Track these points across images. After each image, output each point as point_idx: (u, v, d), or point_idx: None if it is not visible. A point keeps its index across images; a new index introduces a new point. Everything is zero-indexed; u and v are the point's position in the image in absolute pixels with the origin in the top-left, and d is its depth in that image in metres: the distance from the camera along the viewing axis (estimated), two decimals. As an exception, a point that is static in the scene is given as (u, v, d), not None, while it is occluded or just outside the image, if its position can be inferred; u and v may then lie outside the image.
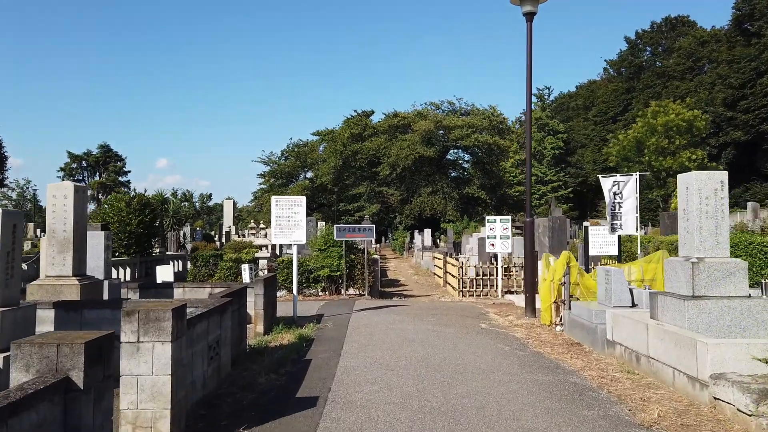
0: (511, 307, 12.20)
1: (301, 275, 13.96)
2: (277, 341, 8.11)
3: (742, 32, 53.61)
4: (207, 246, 23.55)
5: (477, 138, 43.19)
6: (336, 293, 14.10)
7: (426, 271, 23.70)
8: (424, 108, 49.00)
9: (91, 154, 55.77)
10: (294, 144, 56.79)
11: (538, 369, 6.31)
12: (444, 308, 11.63)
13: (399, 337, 8.11)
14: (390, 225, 54.92)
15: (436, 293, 16.06)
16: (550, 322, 9.30)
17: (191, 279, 14.34)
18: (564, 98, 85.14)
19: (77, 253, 8.02)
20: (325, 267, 13.83)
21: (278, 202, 9.90)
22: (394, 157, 44.25)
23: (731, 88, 50.95)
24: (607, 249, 13.20)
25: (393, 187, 47.99)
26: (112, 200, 16.33)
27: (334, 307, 11.62)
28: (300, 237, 9.86)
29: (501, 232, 13.84)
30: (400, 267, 28.95)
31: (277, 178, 55.76)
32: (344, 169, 49.78)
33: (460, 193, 46.16)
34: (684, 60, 61.55)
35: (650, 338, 6.03)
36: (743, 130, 50.90)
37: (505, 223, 13.83)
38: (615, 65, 76.61)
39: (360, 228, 13.87)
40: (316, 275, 14.00)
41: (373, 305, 11.90)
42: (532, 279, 10.17)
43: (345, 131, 50.04)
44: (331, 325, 9.36)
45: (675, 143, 40.26)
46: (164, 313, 4.10)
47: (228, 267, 14.00)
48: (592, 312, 7.64)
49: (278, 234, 9.83)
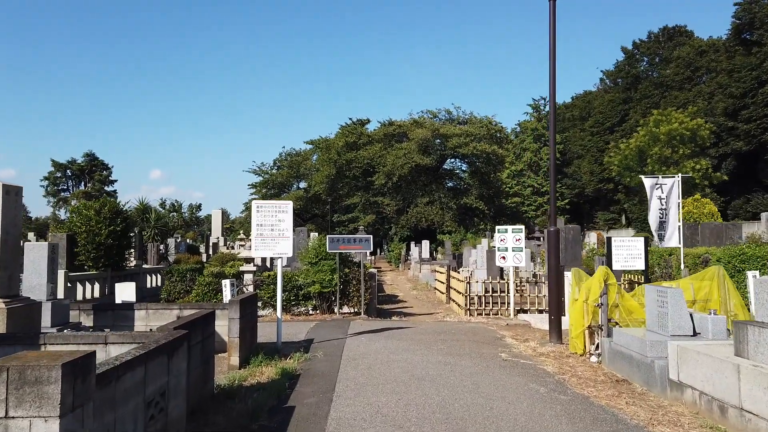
0: (527, 329, 10.69)
1: (289, 292, 12.42)
2: (254, 377, 6.56)
3: (742, 42, 52.95)
4: (190, 258, 21.92)
5: (475, 146, 41.90)
6: (328, 312, 12.55)
7: (425, 285, 22.17)
8: (420, 116, 47.78)
9: (75, 162, 53.91)
10: (287, 153, 55.35)
11: (594, 424, 4.79)
12: (452, 331, 10.10)
13: (405, 373, 6.58)
14: (385, 236, 53.39)
15: (439, 311, 14.54)
16: (584, 350, 7.80)
17: (165, 296, 12.75)
18: (560, 109, 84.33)
19: (7, 269, 6.47)
20: (316, 283, 12.29)
21: (260, 208, 8.38)
22: (390, 166, 42.86)
23: (732, 98, 50.11)
24: (633, 263, 11.78)
25: (388, 197, 46.54)
26: (80, 207, 14.72)
27: (326, 330, 10.07)
28: (285, 249, 8.33)
29: (513, 244, 12.38)
30: (397, 280, 27.40)
31: (269, 189, 54.19)
32: (338, 179, 48.31)
33: (458, 203, 44.77)
34: (682, 70, 60.89)
35: (744, 384, 4.54)
36: (744, 140, 49.99)
37: (517, 234, 12.37)
38: (611, 76, 76.08)
39: (355, 239, 12.37)
40: (306, 292, 12.45)
41: (371, 327, 10.36)
42: (557, 298, 8.68)
43: (339, 140, 48.64)
44: (321, 354, 7.81)
45: (678, 152, 39.18)
46: (50, 370, 2.58)
47: (207, 283, 12.42)
48: (645, 343, 6.15)
49: (259, 246, 8.30)
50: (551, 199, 9.04)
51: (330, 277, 12.29)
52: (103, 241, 14.04)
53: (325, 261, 12.52)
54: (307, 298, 12.55)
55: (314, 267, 12.57)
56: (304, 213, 55.53)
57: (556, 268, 8.70)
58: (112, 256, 14.43)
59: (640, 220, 56.76)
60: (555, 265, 8.68)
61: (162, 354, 4.16)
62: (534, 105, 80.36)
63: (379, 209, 47.40)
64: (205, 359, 5.66)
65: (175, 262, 21.10)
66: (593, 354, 7.60)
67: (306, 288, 12.45)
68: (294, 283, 12.52)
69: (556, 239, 8.74)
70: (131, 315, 8.31)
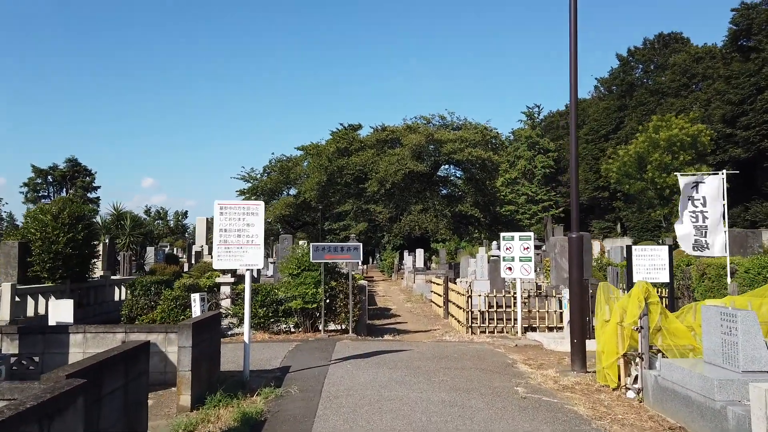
0: (539, 351, 9.29)
1: (267, 307, 10.95)
2: (206, 426, 5.09)
3: (739, 48, 52.34)
4: (167, 268, 20.39)
5: (470, 152, 40.62)
6: (312, 330, 11.07)
7: (420, 297, 20.73)
8: (414, 122, 46.50)
9: (57, 168, 52.00)
10: (277, 159, 53.84)
11: None
12: (454, 355, 8.66)
13: (400, 420, 5.12)
14: (378, 245, 51.91)
15: (437, 327, 13.09)
16: (617, 384, 6.39)
17: (126, 313, 11.22)
18: (554, 117, 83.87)
19: None
20: (298, 297, 10.81)
21: (224, 210, 6.93)
22: (383, 172, 41.48)
23: (730, 104, 49.34)
24: (656, 275, 10.46)
25: (381, 205, 45.12)
26: (36, 212, 13.17)
27: (307, 354, 8.59)
28: (254, 259, 6.88)
29: (521, 253, 10.99)
30: (389, 291, 25.93)
31: (258, 195, 52.62)
32: (329, 186, 46.86)
33: (452, 210, 43.42)
34: (678, 77, 60.25)
35: None
36: (743, 147, 49.17)
37: (525, 242, 10.99)
38: (606, 83, 75.58)
39: (342, 247, 10.93)
40: (287, 307, 10.97)
41: (359, 350, 8.90)
42: (581, 318, 7.28)
43: (330, 145, 47.25)
44: (296, 390, 6.34)
45: (679, 159, 38.12)
46: None
47: (174, 297, 10.89)
48: (710, 381, 4.75)
49: (223, 255, 6.85)
50: (572, 196, 7.68)
51: (313, 291, 10.82)
52: (61, 249, 12.49)
53: (309, 272, 11.06)
54: (288, 315, 11.07)
55: (296, 279, 11.10)
56: (294, 221, 53.97)
57: (580, 281, 7.30)
58: (72, 267, 12.88)
59: (638, 229, 55.73)
60: (578, 278, 7.28)
61: (28, 423, 2.69)
62: (528, 112, 79.70)
63: (372, 217, 45.98)
64: (132, 408, 4.19)
65: (150, 273, 19.52)
66: (630, 388, 6.20)
67: (287, 303, 10.97)
68: (273, 297, 11.04)
69: (579, 247, 7.35)
70: (65, 340, 6.81)
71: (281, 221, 52.68)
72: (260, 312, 10.91)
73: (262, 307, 10.97)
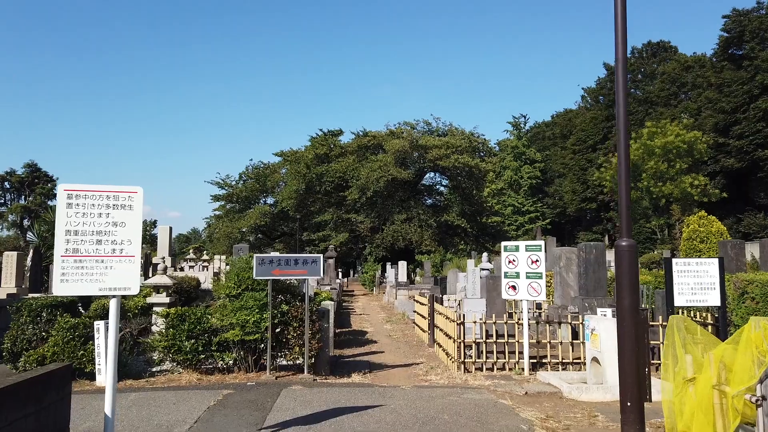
0: (559, 402, 6.77)
1: (196, 339, 8.29)
2: None
3: (730, 57, 51.12)
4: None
5: (457, 159, 38.33)
6: (256, 368, 8.43)
7: (401, 317, 18.14)
8: (397, 127, 44.13)
9: (14, 173, 48.39)
10: (254, 166, 51.04)
11: None
12: (444, 417, 6.09)
13: None
14: (359, 256, 49.25)
15: (420, 360, 10.51)
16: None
17: (8, 346, 8.44)
18: (540, 127, 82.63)
19: None
20: (237, 325, 8.17)
21: (75, 200, 4.31)
22: (364, 179, 38.94)
23: (723, 113, 47.94)
24: (703, 296, 8.13)
25: (362, 214, 42.53)
26: None
27: (232, 415, 5.95)
28: (124, 280, 4.26)
29: (528, 268, 8.50)
30: (369, 307, 23.27)
31: (233, 202, 49.73)
32: (308, 194, 44.18)
33: (438, 220, 40.98)
34: (668, 85, 59.06)
35: None
36: (736, 156, 47.70)
37: (533, 252, 8.51)
38: (593, 93, 74.47)
39: (297, 260, 8.34)
40: (222, 339, 8.31)
41: (309, 409, 6.29)
42: (638, 370, 4.77)
43: (309, 152, 44.64)
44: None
45: (675, 167, 36.32)
46: None
47: (71, 326, 8.14)
48: None
49: (71, 273, 4.21)
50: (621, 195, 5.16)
51: (257, 318, 8.19)
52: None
53: (252, 293, 8.43)
54: (225, 348, 8.41)
55: (235, 302, 8.46)
56: (271, 231, 51.08)
57: (634, 311, 4.79)
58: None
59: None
60: (632, 306, 4.78)
61: None
62: (514, 122, 78.20)
63: (353, 227, 43.34)
64: None
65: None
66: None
67: (222, 334, 8.32)
68: (204, 325, 8.38)
69: (631, 261, 4.86)
70: None
71: (257, 231, 49.77)
72: (186, 345, 8.23)
73: (190, 339, 8.30)
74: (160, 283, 11.31)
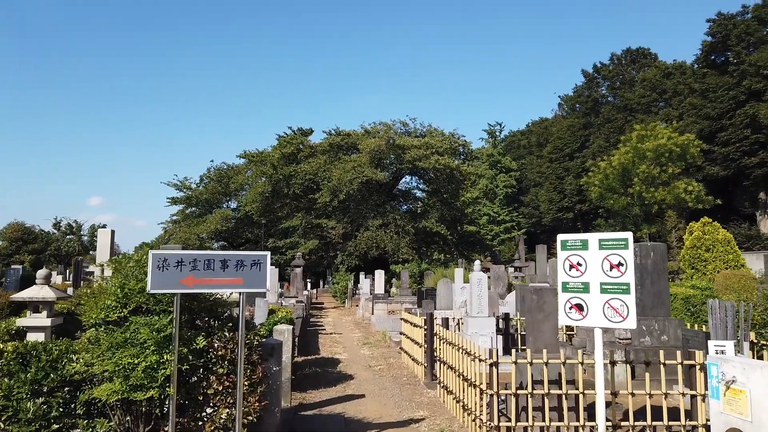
0: None
1: (48, 396, 4.73)
2: None
3: (712, 63, 49.91)
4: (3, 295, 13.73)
5: (437, 160, 35.31)
6: (153, 447, 4.91)
7: (382, 337, 14.74)
8: (373, 127, 40.91)
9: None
10: (216, 167, 47.00)
11: None
12: None
13: None
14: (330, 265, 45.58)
15: (419, 412, 7.14)
16: None
17: None
18: (515, 136, 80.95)
19: None
20: (117, 374, 4.66)
21: None
22: (336, 181, 35.52)
23: (708, 119, 46.50)
24: None
25: (334, 219, 39.01)
26: None
27: None
28: None
29: (604, 276, 5.28)
30: (341, 324, 19.75)
31: (192, 206, 45.53)
32: (275, 198, 40.42)
33: (416, 227, 37.79)
34: (648, 92, 57.73)
35: None
36: (722, 164, 46.24)
37: (614, 251, 5.30)
38: (570, 101, 73.08)
39: (226, 261, 4.94)
40: (91, 397, 4.78)
41: None
42: None
43: (276, 151, 40.94)
44: None
45: (668, 171, 34.12)
46: None
47: None
48: None
49: None
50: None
51: (152, 361, 4.69)
52: None
53: (146, 317, 4.94)
54: (97, 413, 4.89)
55: (116, 332, 4.92)
56: (234, 237, 47.01)
57: None
58: None
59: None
60: None
61: None
62: (489, 131, 76.27)
63: (323, 233, 39.75)
64: None
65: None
66: None
67: (92, 387, 4.80)
68: (62, 372, 4.85)
69: None
70: None
71: (218, 237, 45.66)
72: (28, 407, 4.69)
73: (36, 396, 4.76)
74: (36, 297, 7.71)
